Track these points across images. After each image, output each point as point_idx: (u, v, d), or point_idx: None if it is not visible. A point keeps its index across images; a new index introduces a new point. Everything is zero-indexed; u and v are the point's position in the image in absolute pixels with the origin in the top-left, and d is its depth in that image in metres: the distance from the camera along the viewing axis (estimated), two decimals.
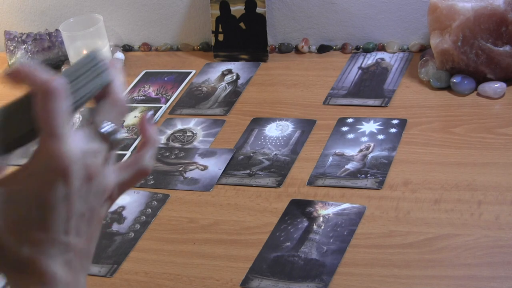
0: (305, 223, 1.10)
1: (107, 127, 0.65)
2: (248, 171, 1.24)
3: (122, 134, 0.65)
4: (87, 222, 0.63)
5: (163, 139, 1.37)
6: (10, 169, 0.63)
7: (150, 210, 1.20)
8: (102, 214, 0.65)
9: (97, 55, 0.66)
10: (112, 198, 0.66)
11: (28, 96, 0.62)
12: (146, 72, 1.62)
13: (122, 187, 0.67)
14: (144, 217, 1.19)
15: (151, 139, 0.69)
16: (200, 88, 1.52)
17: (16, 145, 0.63)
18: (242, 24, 1.58)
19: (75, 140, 0.62)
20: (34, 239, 0.61)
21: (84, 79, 0.64)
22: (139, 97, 1.52)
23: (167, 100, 1.49)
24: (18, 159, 0.64)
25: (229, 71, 1.56)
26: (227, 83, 1.52)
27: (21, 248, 0.60)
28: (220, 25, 1.60)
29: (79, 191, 0.62)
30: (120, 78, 0.67)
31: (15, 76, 0.61)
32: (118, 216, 1.19)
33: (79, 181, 0.61)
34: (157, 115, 1.44)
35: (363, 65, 1.49)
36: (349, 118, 1.32)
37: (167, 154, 1.32)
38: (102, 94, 0.66)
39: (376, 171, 1.18)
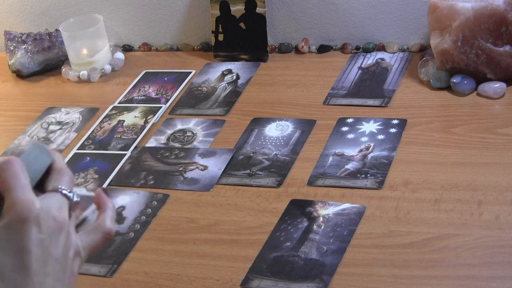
0: (305, 223, 1.10)
1: (63, 190, 0.72)
2: (248, 171, 1.24)
3: (77, 196, 0.75)
4: (63, 269, 0.69)
5: (163, 139, 1.37)
6: None
7: (150, 210, 1.20)
8: (74, 268, 0.71)
9: (38, 145, 0.76)
10: (81, 256, 0.72)
11: None
12: (146, 72, 1.62)
13: (89, 249, 0.74)
14: (144, 217, 1.19)
15: (107, 205, 0.78)
16: (200, 88, 1.52)
17: None
18: (242, 24, 1.58)
19: (41, 197, 0.70)
20: (17, 284, 0.65)
21: (31, 162, 0.73)
22: (139, 97, 1.52)
23: (167, 100, 1.49)
24: None
25: (229, 71, 1.56)
26: (227, 83, 1.52)
27: None
28: (220, 25, 1.60)
29: (52, 238, 0.68)
30: (58, 155, 0.76)
31: None
32: (118, 216, 1.19)
33: (50, 230, 0.68)
34: (157, 115, 1.44)
35: (363, 65, 1.49)
36: (349, 118, 1.32)
37: (167, 154, 1.32)
38: (49, 171, 0.75)
39: (376, 171, 1.18)
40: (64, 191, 0.72)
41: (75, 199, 0.73)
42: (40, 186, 0.73)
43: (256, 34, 1.57)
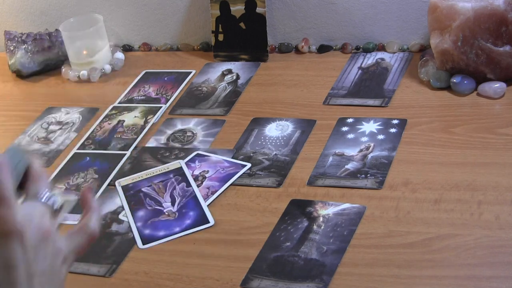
0: (305, 223, 1.10)
1: (43, 197, 0.72)
2: (248, 171, 1.24)
3: (59, 200, 0.76)
4: (49, 281, 0.68)
5: (163, 139, 1.37)
6: None
7: None
8: (62, 274, 0.71)
9: (15, 148, 0.76)
10: (68, 261, 0.72)
11: None
12: (146, 72, 1.62)
13: (75, 252, 0.73)
14: None
15: (93, 207, 0.77)
16: (200, 88, 1.52)
17: None
18: (242, 24, 1.58)
19: (21, 206, 0.69)
20: None
21: (12, 166, 0.72)
22: (139, 97, 1.52)
23: (167, 100, 1.49)
24: None
25: (229, 71, 1.56)
26: (227, 83, 1.52)
27: None
28: (220, 25, 1.60)
29: (37, 250, 0.67)
30: (36, 160, 0.76)
31: None
32: (118, 216, 1.19)
33: (35, 241, 0.67)
34: (157, 115, 1.44)
35: (363, 65, 1.49)
36: (349, 118, 1.32)
37: (167, 154, 1.32)
38: (26, 178, 0.74)
39: (376, 171, 1.18)
40: (44, 199, 0.72)
41: (56, 206, 0.73)
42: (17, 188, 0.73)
43: (256, 34, 1.57)
